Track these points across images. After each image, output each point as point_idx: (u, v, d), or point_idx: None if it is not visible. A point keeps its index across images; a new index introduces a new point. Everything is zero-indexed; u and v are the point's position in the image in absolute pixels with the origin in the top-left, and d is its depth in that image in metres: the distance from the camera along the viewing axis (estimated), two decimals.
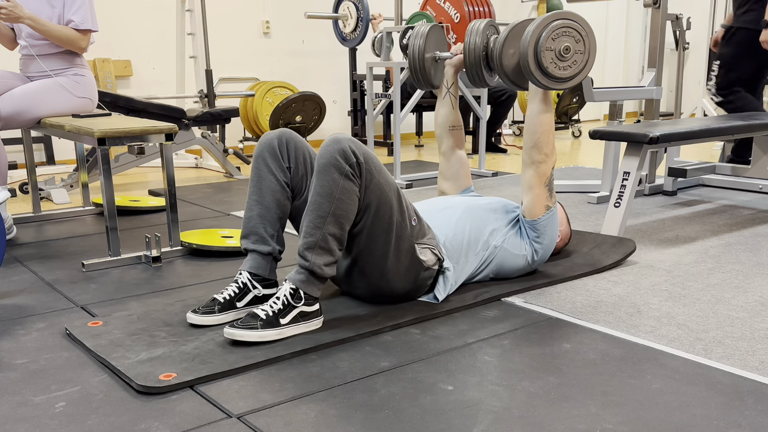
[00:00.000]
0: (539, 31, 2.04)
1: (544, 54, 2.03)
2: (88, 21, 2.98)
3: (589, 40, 2.08)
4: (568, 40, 2.03)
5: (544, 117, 2.14)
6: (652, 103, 3.73)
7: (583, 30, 2.06)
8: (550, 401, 1.45)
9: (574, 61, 2.07)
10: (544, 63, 2.04)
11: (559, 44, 2.03)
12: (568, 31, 2.04)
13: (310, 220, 1.76)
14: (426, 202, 2.23)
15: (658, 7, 3.57)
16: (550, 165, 2.16)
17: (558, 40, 2.03)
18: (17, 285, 2.32)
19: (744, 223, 3.07)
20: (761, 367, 1.61)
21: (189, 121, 4.29)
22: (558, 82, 2.09)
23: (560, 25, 2.04)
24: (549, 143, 2.15)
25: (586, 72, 2.11)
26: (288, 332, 1.75)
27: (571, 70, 2.09)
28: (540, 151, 2.14)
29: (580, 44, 2.06)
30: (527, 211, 2.17)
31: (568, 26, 2.05)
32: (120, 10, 5.21)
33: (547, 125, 2.14)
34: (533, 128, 2.15)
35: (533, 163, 2.15)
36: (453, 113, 2.41)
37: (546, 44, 2.03)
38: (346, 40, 5.87)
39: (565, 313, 1.97)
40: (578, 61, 2.08)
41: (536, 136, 2.14)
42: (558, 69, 2.06)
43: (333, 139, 1.77)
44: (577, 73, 2.10)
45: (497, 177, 4.40)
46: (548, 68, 2.05)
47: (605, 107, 8.17)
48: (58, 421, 1.40)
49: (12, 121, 2.88)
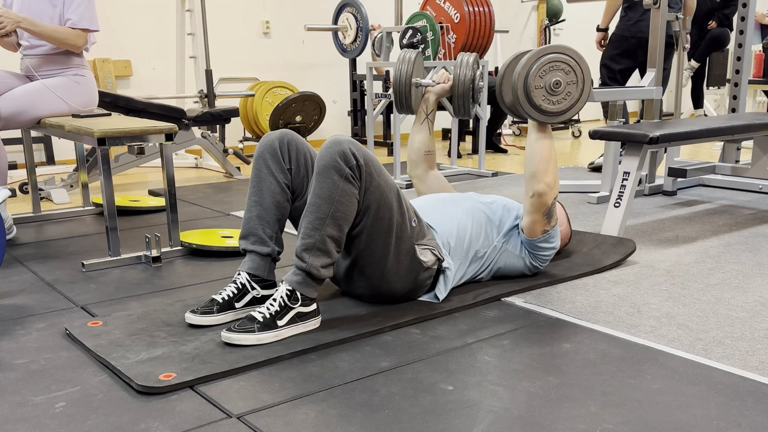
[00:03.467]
0: (526, 70, 2.03)
1: (534, 92, 2.02)
2: (85, 20, 2.97)
3: (580, 70, 2.05)
4: (557, 75, 2.01)
5: (540, 144, 2.08)
6: (652, 103, 3.73)
7: (572, 61, 2.04)
8: (550, 401, 1.45)
9: (567, 93, 2.05)
10: (536, 101, 2.02)
11: (548, 80, 2.01)
12: (556, 65, 2.02)
13: (308, 221, 1.76)
14: (427, 198, 2.23)
15: (658, 7, 3.57)
16: (551, 197, 2.07)
17: (546, 76, 2.01)
18: (17, 285, 2.32)
19: (744, 223, 3.07)
20: (761, 367, 1.61)
21: (189, 121, 4.29)
22: (554, 116, 2.07)
23: (547, 61, 2.02)
24: (548, 172, 2.06)
25: (584, 101, 2.08)
26: (286, 333, 1.75)
27: (566, 103, 2.06)
28: (539, 180, 2.05)
29: (571, 75, 2.04)
30: (525, 230, 2.14)
31: (555, 60, 2.03)
32: (120, 10, 5.21)
33: (544, 153, 2.06)
34: (530, 156, 2.08)
35: (534, 194, 2.06)
36: (429, 139, 2.41)
37: (534, 83, 2.01)
38: (346, 51, 5.87)
39: (565, 313, 1.97)
40: (572, 92, 2.06)
41: (533, 164, 2.06)
42: (551, 104, 2.04)
43: (333, 140, 1.77)
44: (573, 104, 2.07)
45: (497, 177, 4.40)
46: (541, 105, 2.03)
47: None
48: (58, 421, 1.40)
49: (12, 121, 2.88)
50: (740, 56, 4.00)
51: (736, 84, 4.04)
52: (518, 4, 7.60)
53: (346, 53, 5.87)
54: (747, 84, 4.05)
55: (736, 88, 4.05)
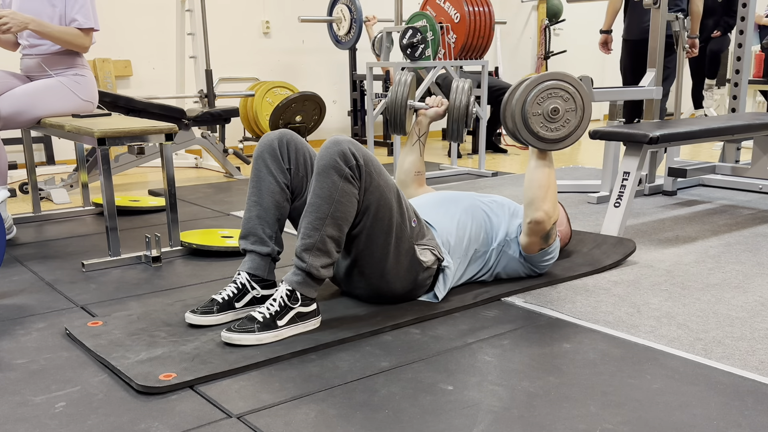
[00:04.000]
0: (524, 96, 2.02)
1: (532, 119, 2.01)
2: (91, 19, 2.97)
3: (579, 98, 2.03)
4: (555, 102, 2.00)
5: (540, 172, 2.04)
6: (652, 103, 3.73)
7: (570, 87, 2.02)
8: (550, 401, 1.45)
9: (566, 120, 2.03)
10: (534, 128, 2.02)
11: (546, 107, 2.00)
12: (554, 93, 2.01)
13: (308, 221, 1.76)
14: (427, 197, 2.23)
15: (658, 7, 3.57)
16: (549, 224, 2.04)
17: (544, 103, 2.00)
18: (17, 285, 2.32)
19: (744, 223, 3.07)
20: (761, 367, 1.61)
21: (189, 121, 4.29)
22: (552, 143, 2.05)
23: (544, 88, 2.01)
24: (547, 200, 2.01)
25: (584, 128, 2.06)
26: (285, 333, 1.75)
27: (565, 130, 2.04)
28: (537, 208, 2.01)
29: (570, 102, 2.02)
30: (522, 247, 2.13)
31: (553, 87, 2.02)
32: (120, 10, 5.21)
33: (543, 181, 2.03)
34: (529, 183, 2.05)
35: (531, 221, 2.03)
36: (420, 160, 2.42)
37: (532, 109, 2.01)
38: (340, 43, 5.90)
39: (565, 313, 1.97)
40: (571, 119, 2.04)
41: (532, 191, 2.03)
42: (549, 131, 2.03)
43: (333, 140, 1.77)
44: (572, 131, 2.05)
45: (497, 177, 4.40)
46: (538, 132, 2.02)
47: (605, 107, 8.17)
48: (58, 421, 1.40)
49: (12, 121, 2.88)
50: (740, 56, 4.00)
51: (736, 84, 4.04)
52: (518, 4, 7.60)
53: (340, 44, 5.90)
54: (747, 84, 4.06)
55: (736, 88, 4.05)
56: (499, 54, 7.09)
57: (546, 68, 7.42)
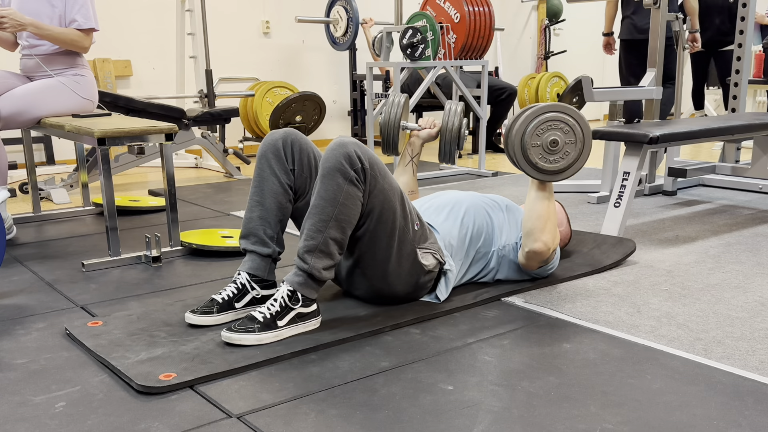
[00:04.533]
0: (523, 128, 2.02)
1: (530, 150, 2.00)
2: (91, 20, 2.98)
3: (580, 129, 2.02)
4: (554, 134, 2.00)
5: (540, 204, 2.03)
6: (652, 103, 3.73)
7: (571, 120, 2.01)
8: (550, 401, 1.45)
9: (565, 153, 2.02)
10: (533, 159, 2.01)
11: (545, 139, 2.00)
12: (554, 125, 2.01)
13: (312, 223, 1.76)
14: (429, 198, 2.23)
15: (658, 7, 3.57)
16: (547, 254, 2.05)
17: (544, 134, 2.00)
18: (17, 285, 2.32)
19: (744, 223, 3.07)
20: (761, 367, 1.61)
21: (189, 121, 4.29)
22: (552, 175, 2.04)
23: (544, 120, 2.00)
24: (546, 231, 2.01)
25: (583, 160, 2.05)
26: (286, 334, 1.75)
27: (564, 162, 2.03)
28: (536, 239, 2.01)
29: (570, 135, 2.01)
30: (520, 263, 2.13)
31: (553, 119, 2.01)
32: (120, 10, 5.21)
33: (542, 212, 2.02)
34: (528, 214, 2.05)
35: (530, 251, 2.04)
36: (413, 180, 2.43)
37: (532, 141, 2.00)
38: (336, 44, 5.91)
39: (565, 313, 1.97)
40: (570, 151, 2.03)
41: (531, 222, 2.02)
42: (549, 163, 2.02)
43: (338, 142, 1.77)
44: (571, 163, 2.04)
45: (497, 177, 4.40)
46: (537, 163, 2.01)
47: (605, 107, 8.17)
48: (58, 421, 1.40)
49: (12, 121, 2.88)
50: (740, 56, 4.00)
51: (736, 84, 4.04)
52: (518, 4, 7.60)
53: (337, 45, 5.93)
54: (747, 84, 4.06)
55: (736, 88, 4.05)
56: (499, 54, 7.10)
57: (546, 68, 7.42)
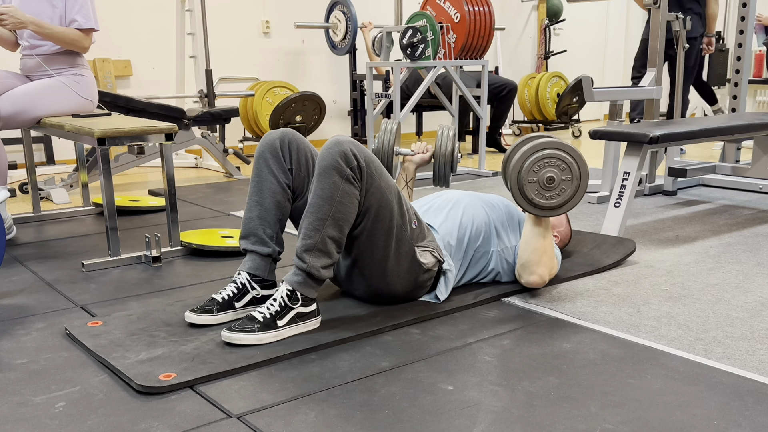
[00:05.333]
0: (520, 164, 2.02)
1: (527, 186, 2.01)
2: (91, 20, 2.98)
3: (576, 167, 2.02)
4: (551, 171, 2.00)
5: (536, 239, 2.04)
6: (652, 103, 3.73)
7: (568, 157, 2.01)
8: (550, 401, 1.45)
9: (561, 190, 2.02)
10: (529, 195, 2.01)
11: (542, 176, 2.00)
12: (550, 162, 2.00)
13: (309, 222, 1.76)
14: (428, 199, 2.23)
15: (658, 7, 3.57)
16: (541, 285, 2.09)
17: (540, 171, 2.00)
18: (17, 285, 2.32)
19: (744, 223, 3.07)
20: (761, 367, 1.61)
21: (189, 121, 4.29)
22: (547, 211, 2.04)
23: (541, 156, 2.00)
24: (541, 264, 2.04)
25: (578, 198, 2.05)
26: (285, 333, 1.75)
27: (560, 199, 2.03)
28: (532, 272, 2.04)
29: (566, 173, 2.01)
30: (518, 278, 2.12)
31: (550, 156, 2.01)
32: (120, 10, 5.21)
33: (538, 246, 2.03)
34: (524, 246, 2.06)
35: (525, 282, 2.07)
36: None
37: (528, 177, 2.00)
38: (336, 48, 5.94)
39: (565, 313, 1.97)
40: (566, 188, 2.03)
41: (526, 255, 2.04)
42: (544, 199, 2.02)
43: (334, 141, 1.77)
44: (566, 200, 2.04)
45: (497, 177, 4.40)
46: (533, 199, 2.01)
47: (605, 107, 8.18)
48: (58, 421, 1.40)
49: (12, 121, 2.88)
50: (740, 56, 4.00)
51: (736, 84, 4.04)
52: (518, 4, 7.60)
53: (336, 50, 5.97)
54: (747, 84, 4.06)
55: (736, 88, 4.05)
56: (499, 54, 7.09)
57: (546, 68, 7.42)
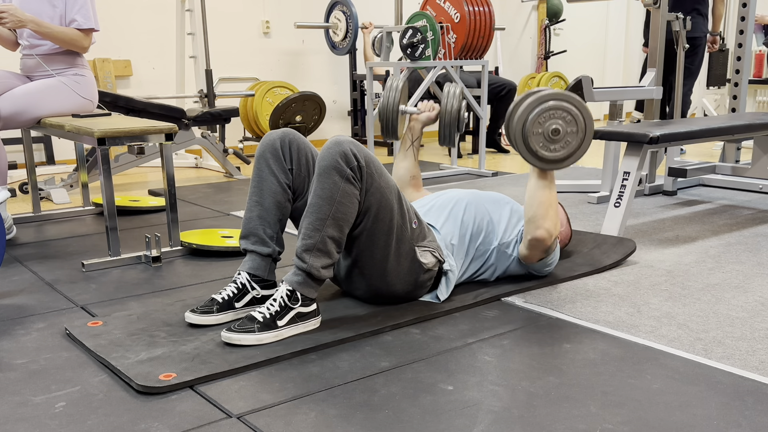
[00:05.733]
0: (525, 116, 2.01)
1: (531, 138, 1.99)
2: (91, 20, 2.98)
3: (582, 119, 2.01)
4: (557, 122, 1.98)
5: (542, 193, 2.04)
6: (652, 103, 3.73)
7: (573, 109, 2.00)
8: (550, 401, 1.45)
9: (566, 142, 2.01)
10: (534, 147, 2.00)
11: (547, 127, 1.98)
12: (556, 113, 1.99)
13: (309, 222, 1.76)
14: (429, 200, 2.23)
15: (658, 7, 3.57)
16: (549, 241, 2.05)
17: (546, 123, 1.99)
18: (17, 285, 2.32)
19: (744, 223, 3.07)
20: (761, 367, 1.61)
21: (189, 121, 4.29)
22: (552, 164, 2.03)
23: (546, 108, 1.99)
24: (548, 218, 2.02)
25: (583, 151, 2.04)
26: (285, 333, 1.75)
27: (565, 151, 2.02)
28: (538, 226, 2.02)
29: (572, 124, 2.00)
30: (521, 256, 2.13)
31: (556, 108, 2.00)
32: (120, 10, 5.21)
33: (544, 199, 2.03)
34: (530, 202, 2.05)
35: (532, 238, 2.05)
36: (414, 165, 2.43)
37: (533, 128, 1.99)
38: (336, 48, 5.94)
39: (565, 313, 1.97)
40: (571, 141, 2.02)
41: (533, 209, 2.03)
42: (550, 151, 2.01)
43: (334, 141, 1.77)
44: (572, 152, 2.03)
45: (497, 177, 4.40)
46: (538, 152, 2.00)
47: (605, 107, 8.18)
48: (58, 421, 1.40)
49: (12, 121, 2.88)
50: (740, 56, 4.00)
51: (736, 84, 4.04)
52: (518, 4, 7.60)
53: (336, 50, 5.98)
54: (747, 84, 4.06)
55: (736, 88, 4.05)
56: (499, 54, 7.09)
57: (546, 68, 7.42)
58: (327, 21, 5.91)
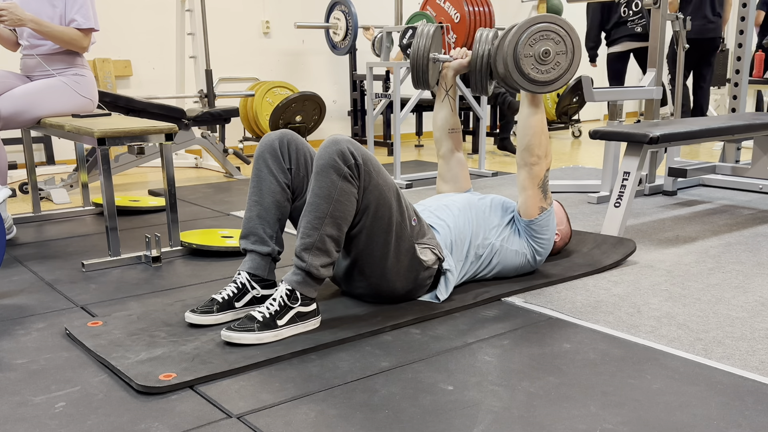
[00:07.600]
0: (515, 39, 2.04)
1: (523, 60, 2.03)
2: (90, 20, 2.98)
3: (570, 40, 2.06)
4: (546, 44, 2.03)
5: (534, 119, 2.13)
6: (652, 103, 3.73)
7: (561, 30, 2.06)
8: (550, 401, 1.45)
9: (556, 63, 2.06)
10: (525, 69, 2.04)
11: (537, 49, 2.03)
12: (545, 35, 2.04)
13: (307, 221, 1.76)
14: (426, 201, 2.24)
15: (658, 7, 3.57)
16: (543, 167, 2.15)
17: (536, 45, 2.03)
18: (17, 285, 2.32)
19: (744, 223, 3.07)
20: (761, 367, 1.61)
21: (189, 121, 4.29)
22: (544, 86, 2.08)
23: (536, 30, 2.04)
24: (541, 145, 2.13)
25: (573, 71, 2.09)
26: (285, 333, 1.75)
27: (555, 72, 2.08)
28: (532, 153, 2.13)
29: (561, 45, 2.05)
30: (522, 211, 2.17)
31: (545, 30, 2.04)
32: (120, 10, 5.21)
33: (537, 127, 2.13)
34: (524, 131, 2.15)
35: (526, 164, 2.15)
36: (452, 116, 2.38)
37: (524, 51, 2.03)
38: (336, 48, 5.95)
39: (565, 313, 1.97)
40: (561, 62, 2.07)
41: (527, 138, 2.13)
42: (540, 73, 2.06)
43: (331, 140, 1.77)
44: (562, 74, 2.08)
45: (497, 177, 4.40)
46: (530, 74, 2.04)
47: (605, 107, 8.17)
48: (58, 421, 1.40)
49: (12, 121, 2.88)
50: (740, 56, 3.99)
51: (736, 84, 4.04)
52: (518, 4, 7.60)
53: (336, 50, 5.99)
54: (747, 84, 4.05)
55: (736, 88, 4.04)
56: None
57: None
58: (327, 21, 5.91)
